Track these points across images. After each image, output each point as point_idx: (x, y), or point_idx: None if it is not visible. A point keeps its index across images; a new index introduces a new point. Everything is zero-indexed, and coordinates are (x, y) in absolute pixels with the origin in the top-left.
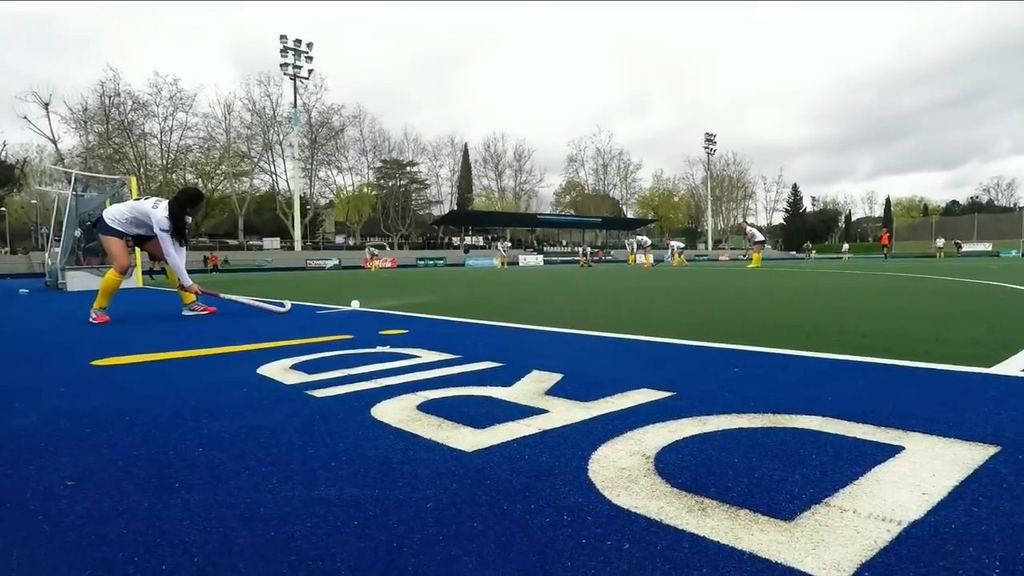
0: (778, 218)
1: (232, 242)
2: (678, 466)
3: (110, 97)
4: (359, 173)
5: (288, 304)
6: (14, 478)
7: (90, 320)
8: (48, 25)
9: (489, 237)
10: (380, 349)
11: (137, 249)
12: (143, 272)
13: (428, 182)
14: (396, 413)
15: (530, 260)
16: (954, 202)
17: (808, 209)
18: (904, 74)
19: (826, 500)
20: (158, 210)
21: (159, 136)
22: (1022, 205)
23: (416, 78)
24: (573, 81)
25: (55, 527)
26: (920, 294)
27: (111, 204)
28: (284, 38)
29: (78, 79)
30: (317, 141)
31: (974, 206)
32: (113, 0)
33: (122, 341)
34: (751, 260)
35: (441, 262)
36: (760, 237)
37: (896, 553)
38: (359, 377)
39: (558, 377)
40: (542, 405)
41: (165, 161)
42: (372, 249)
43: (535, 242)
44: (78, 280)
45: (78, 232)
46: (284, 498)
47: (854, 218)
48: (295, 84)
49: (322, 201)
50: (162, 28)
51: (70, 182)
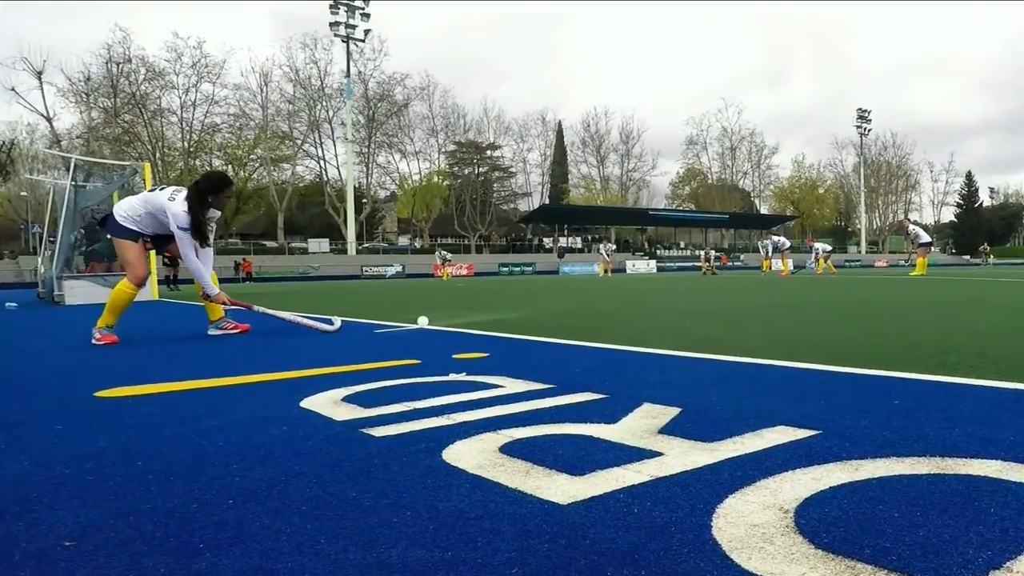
0: (947, 214)
1: (270, 244)
2: (824, 522)
3: (118, 64)
4: (427, 158)
5: (338, 321)
6: (1, 536)
7: (93, 341)
8: None
9: (589, 238)
10: (454, 377)
11: (152, 253)
12: (159, 281)
13: (513, 169)
14: (474, 456)
15: (640, 266)
16: None
17: (985, 203)
18: None
19: (1008, 565)
20: (175, 202)
21: (179, 112)
22: None
23: (498, 41)
24: (693, 44)
25: None
26: None
27: (120, 197)
28: None
29: (79, 42)
30: (375, 119)
31: None
32: None
33: (132, 367)
34: (914, 266)
35: (529, 269)
36: (926, 238)
37: None
38: (427, 412)
39: (674, 412)
40: (655, 446)
41: (186, 143)
42: (444, 253)
43: (646, 244)
44: (78, 292)
45: (78, 232)
46: (334, 562)
47: None
48: (348, 48)
49: (381, 193)
50: None
51: (68, 169)
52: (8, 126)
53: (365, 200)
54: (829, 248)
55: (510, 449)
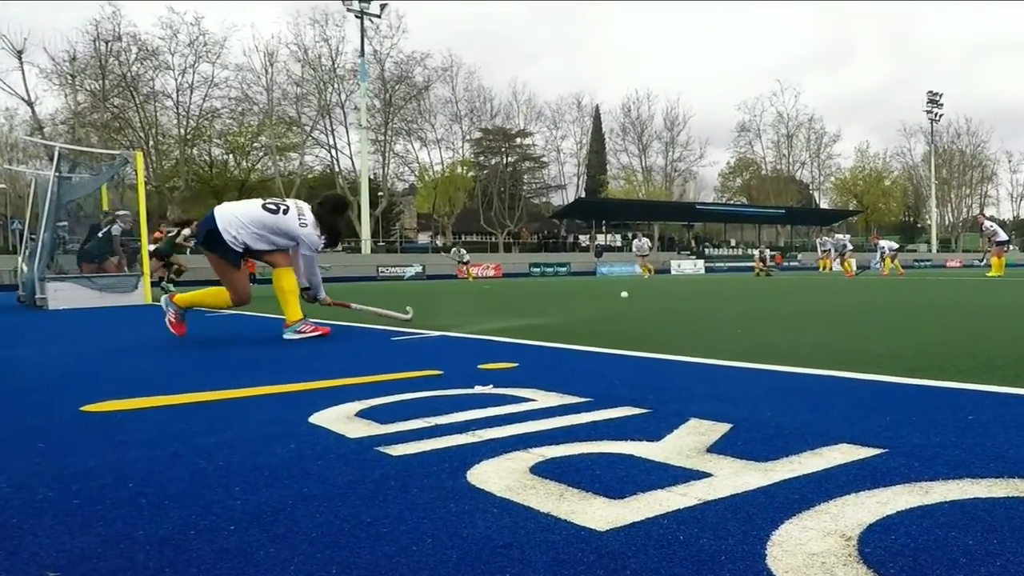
0: None
1: None
2: (890, 551)
3: (107, 43)
4: (450, 147)
5: (411, 311)
6: None
7: (295, 335)
8: None
9: (629, 235)
10: (480, 390)
11: (145, 256)
12: (153, 284)
13: (546, 159)
14: (502, 477)
15: (686, 266)
16: None
17: None
18: None
19: None
20: (307, 229)
21: (175, 96)
22: None
23: (529, 17)
24: (744, 21)
25: None
26: None
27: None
28: None
29: (63, 18)
30: (392, 103)
31: None
32: None
33: (123, 379)
34: (990, 267)
35: (563, 270)
36: (1003, 236)
37: None
38: (450, 428)
39: (725, 428)
40: (703, 466)
41: (183, 130)
42: (461, 251)
43: (693, 242)
44: (63, 295)
45: (64, 228)
46: None
47: None
48: (362, 25)
49: (399, 186)
50: None
51: (52, 159)
52: None
53: (381, 193)
54: (895, 246)
55: (542, 469)
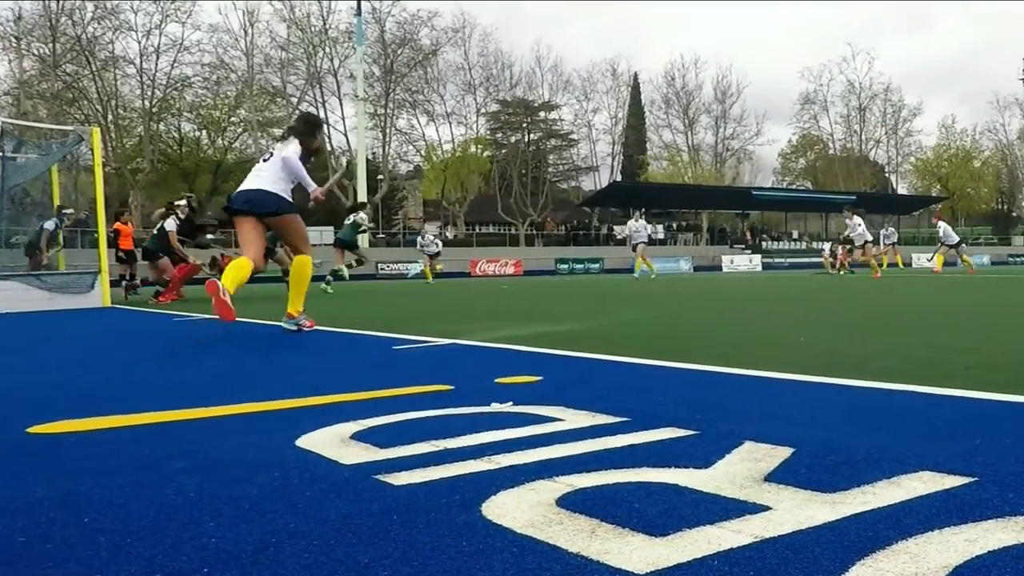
0: None
1: None
2: None
3: (59, 0)
4: (463, 122)
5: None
6: None
7: (300, 328)
8: None
9: (673, 226)
10: (497, 408)
11: (103, 247)
12: (112, 283)
13: (575, 136)
14: (523, 511)
15: (739, 262)
16: None
17: None
18: None
19: None
20: (290, 147)
21: (138, 62)
22: None
23: None
24: None
25: None
26: None
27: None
28: None
29: None
30: (394, 70)
31: None
32: None
33: (78, 395)
34: None
35: (595, 266)
36: None
37: None
38: (463, 453)
39: (785, 453)
40: (760, 498)
41: (148, 102)
42: (428, 236)
43: (748, 234)
44: (5, 296)
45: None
46: None
47: None
48: None
49: (402, 167)
50: None
51: None
52: None
53: (381, 177)
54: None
55: (571, 502)
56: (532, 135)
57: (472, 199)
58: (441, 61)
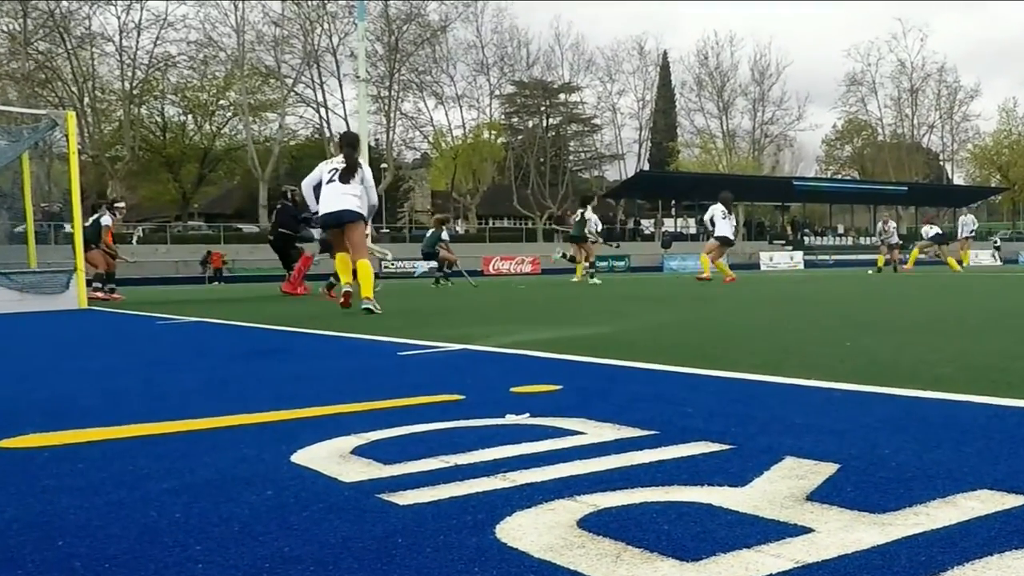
0: None
1: (248, 229)
2: None
3: None
4: (475, 105)
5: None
6: None
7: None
8: None
9: (703, 220)
10: (512, 419)
11: (78, 250)
12: (88, 282)
13: (598, 121)
14: (542, 534)
15: (779, 259)
16: None
17: None
18: None
19: None
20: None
21: (117, 39)
22: None
23: None
24: None
25: None
26: None
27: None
28: None
29: None
30: (400, 48)
31: None
32: None
33: (52, 405)
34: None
35: (620, 264)
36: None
37: None
38: (475, 469)
39: (830, 469)
40: (802, 519)
41: (128, 84)
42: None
43: (788, 228)
44: None
45: None
46: None
47: None
48: None
49: (409, 155)
50: None
51: None
52: None
53: (385, 165)
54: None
55: (593, 523)
56: (551, 120)
57: (485, 190)
58: (451, 38)
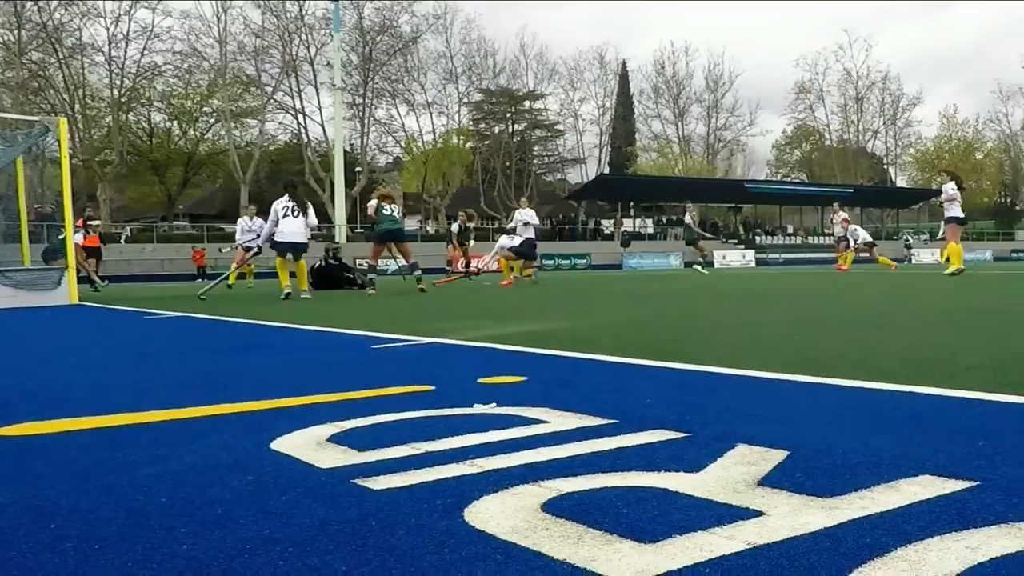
0: None
1: (230, 228)
2: None
3: None
4: (444, 112)
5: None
6: None
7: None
8: None
9: (663, 220)
10: (480, 409)
11: (70, 249)
12: (79, 279)
13: (561, 127)
14: (507, 517)
15: (732, 257)
16: None
17: None
18: None
19: None
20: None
21: (106, 50)
22: None
23: None
24: None
25: None
26: None
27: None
28: None
29: None
30: (373, 58)
31: None
32: None
33: (45, 395)
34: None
35: (582, 262)
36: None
37: None
38: (444, 456)
39: (780, 456)
40: (753, 503)
41: (117, 92)
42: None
43: (740, 228)
44: None
45: None
46: None
47: None
48: None
49: (381, 159)
50: None
51: None
52: None
53: (359, 169)
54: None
55: (556, 507)
56: (516, 126)
57: (454, 192)
58: (422, 49)
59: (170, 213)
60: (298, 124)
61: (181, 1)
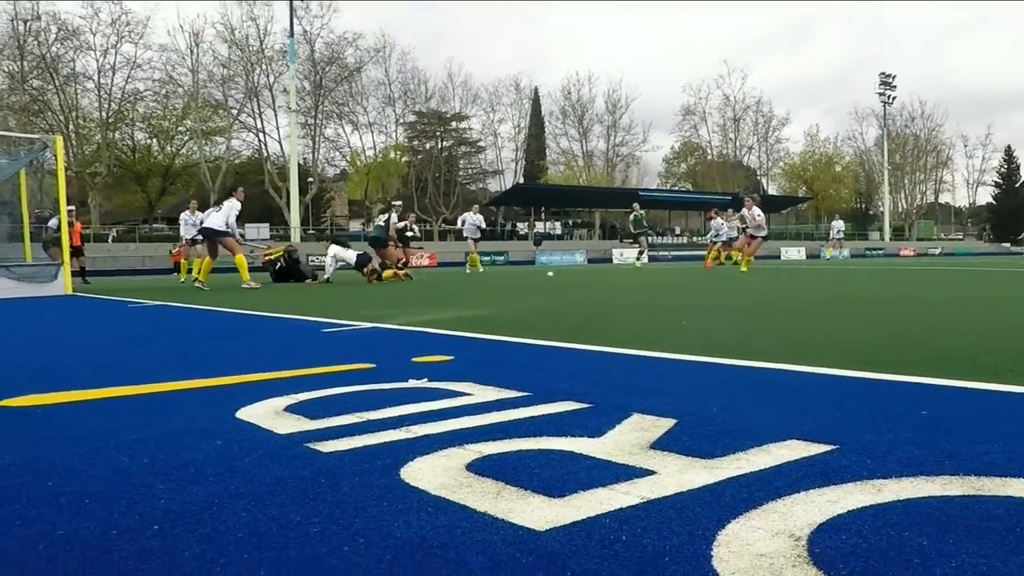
0: (984, 195)
1: None
2: (841, 551)
3: (25, 22)
4: (383, 131)
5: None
6: None
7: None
8: None
9: (569, 223)
10: (414, 384)
11: (65, 248)
12: (73, 273)
13: (482, 144)
14: (437, 475)
15: (628, 255)
16: None
17: None
18: None
19: None
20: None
21: (96, 78)
22: None
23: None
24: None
25: None
26: None
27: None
28: None
29: None
30: (323, 85)
31: None
32: None
33: (42, 372)
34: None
35: (500, 259)
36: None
37: None
38: (383, 424)
39: (669, 423)
40: (646, 464)
41: (105, 114)
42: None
43: (630, 229)
44: None
45: None
46: None
47: None
48: (291, 3)
49: (330, 171)
50: None
51: None
52: None
53: (311, 179)
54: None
55: (478, 467)
56: (445, 142)
57: (392, 199)
58: (364, 77)
59: (150, 217)
60: (259, 141)
61: (160, 37)
